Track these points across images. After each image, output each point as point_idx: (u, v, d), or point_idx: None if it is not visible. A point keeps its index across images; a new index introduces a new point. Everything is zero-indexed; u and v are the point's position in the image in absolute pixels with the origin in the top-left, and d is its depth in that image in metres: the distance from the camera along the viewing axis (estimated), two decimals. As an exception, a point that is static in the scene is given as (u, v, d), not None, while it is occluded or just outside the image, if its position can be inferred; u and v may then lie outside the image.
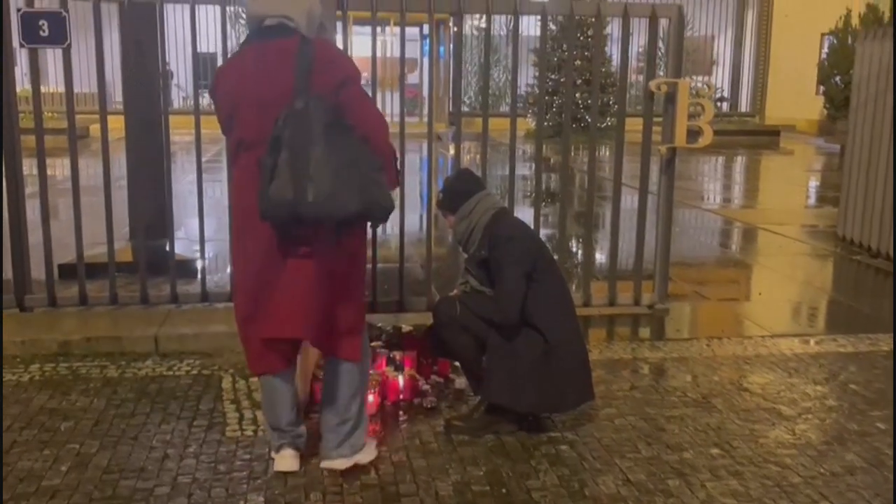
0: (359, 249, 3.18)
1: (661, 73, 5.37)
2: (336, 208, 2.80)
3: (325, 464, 3.23)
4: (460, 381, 4.10)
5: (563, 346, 3.54)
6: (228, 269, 5.18)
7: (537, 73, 18.33)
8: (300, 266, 2.98)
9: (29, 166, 5.04)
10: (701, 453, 3.48)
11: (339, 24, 4.92)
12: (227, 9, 4.93)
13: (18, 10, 4.59)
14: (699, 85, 13.55)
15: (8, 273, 5.03)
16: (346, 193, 2.79)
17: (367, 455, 3.28)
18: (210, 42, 10.27)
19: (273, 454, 3.27)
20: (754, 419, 3.84)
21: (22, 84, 5.10)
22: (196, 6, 4.95)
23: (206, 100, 4.79)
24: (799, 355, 4.76)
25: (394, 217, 5.86)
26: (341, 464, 3.20)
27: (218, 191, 5.36)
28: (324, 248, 2.96)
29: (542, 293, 3.54)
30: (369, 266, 5.09)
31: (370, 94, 5.01)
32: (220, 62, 5.34)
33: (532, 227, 4.72)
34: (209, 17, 13.00)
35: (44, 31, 4.57)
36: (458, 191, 3.71)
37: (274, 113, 2.84)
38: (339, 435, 3.20)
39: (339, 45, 4.87)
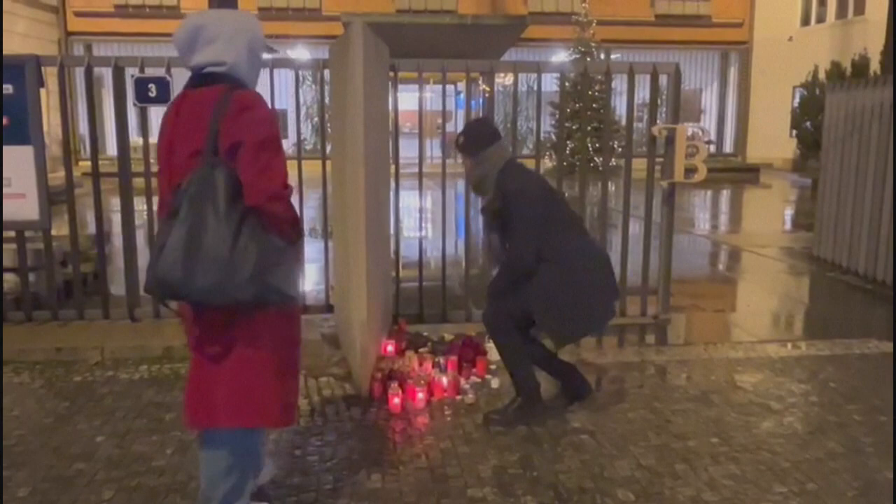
0: (261, 329, 2.32)
1: (659, 121, 5.32)
2: (224, 298, 2.13)
3: None
4: (495, 382, 4.07)
5: (576, 264, 3.43)
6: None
7: (552, 121, 18.39)
8: (200, 344, 2.33)
9: (138, 203, 5.12)
10: (703, 442, 3.40)
11: (390, 84, 4.95)
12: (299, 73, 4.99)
13: (132, 75, 4.70)
14: (694, 129, 13.35)
15: (121, 290, 5.11)
16: (237, 281, 2.11)
17: None
18: (281, 100, 10.40)
19: None
20: (748, 412, 3.75)
21: (132, 136, 5.19)
22: (273, 69, 5.03)
23: (284, 145, 4.80)
24: (783, 358, 4.65)
25: (436, 242, 5.86)
26: None
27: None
28: (218, 326, 2.28)
29: (551, 227, 3.43)
30: (415, 284, 5.12)
31: (416, 139, 5.06)
32: (290, 117, 5.41)
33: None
34: (281, 78, 13.18)
35: (152, 92, 4.66)
36: (480, 137, 3.51)
37: (182, 171, 2.20)
38: None
39: (389, 98, 4.90)
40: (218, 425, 2.36)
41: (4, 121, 4.51)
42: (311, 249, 5.90)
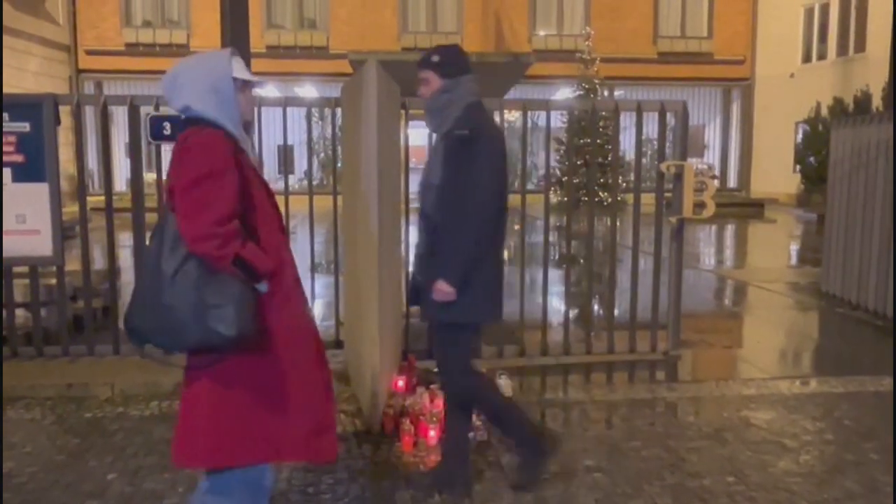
0: (234, 371, 2.29)
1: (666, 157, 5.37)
2: (172, 341, 2.20)
3: None
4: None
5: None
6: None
7: (557, 157, 18.53)
8: (189, 380, 2.36)
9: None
10: (718, 481, 3.37)
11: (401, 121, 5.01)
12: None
13: (147, 114, 4.76)
14: (701, 166, 13.39)
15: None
16: (177, 325, 2.13)
17: None
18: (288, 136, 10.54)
19: None
20: (762, 450, 3.72)
21: (146, 172, 5.25)
22: (287, 107, 5.10)
23: (290, 180, 4.82)
24: (796, 395, 4.62)
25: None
26: None
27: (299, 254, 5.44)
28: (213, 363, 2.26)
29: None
30: (416, 321, 5.10)
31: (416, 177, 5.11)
32: (297, 153, 5.45)
33: (562, 284, 4.64)
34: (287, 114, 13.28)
35: (167, 130, 4.72)
36: (460, 61, 3.10)
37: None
38: None
39: (402, 134, 4.95)
40: (202, 464, 2.39)
41: (21, 158, 4.57)
42: (319, 285, 5.91)
